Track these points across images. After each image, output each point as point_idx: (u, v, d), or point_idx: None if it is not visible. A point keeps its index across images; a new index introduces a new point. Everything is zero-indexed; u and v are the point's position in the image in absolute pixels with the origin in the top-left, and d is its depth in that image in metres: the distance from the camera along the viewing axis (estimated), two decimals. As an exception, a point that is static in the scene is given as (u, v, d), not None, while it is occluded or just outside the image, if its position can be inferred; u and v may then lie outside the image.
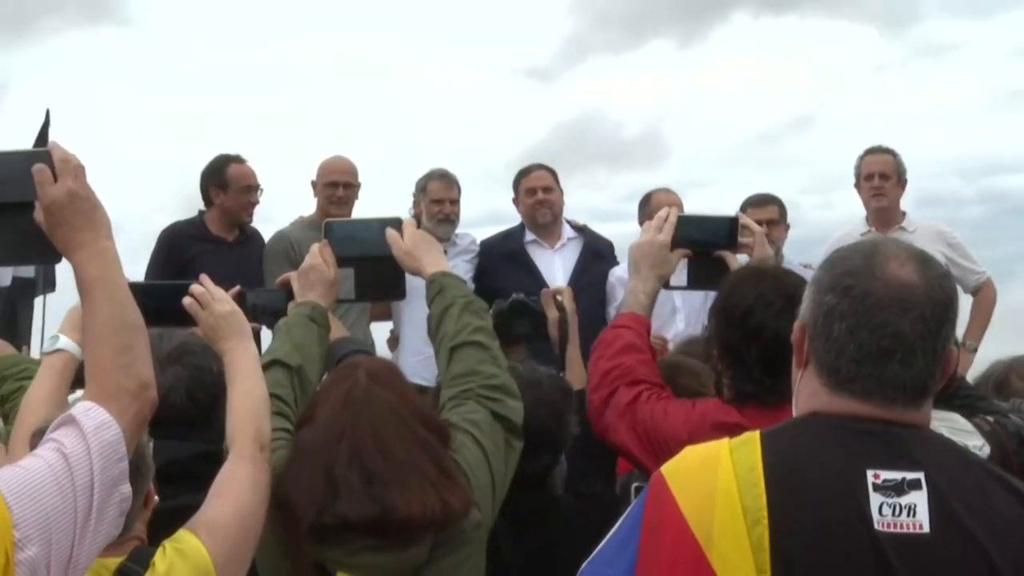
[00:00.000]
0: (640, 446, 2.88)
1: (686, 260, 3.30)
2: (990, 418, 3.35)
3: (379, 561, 2.49)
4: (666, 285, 3.30)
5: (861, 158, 6.41)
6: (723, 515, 1.73)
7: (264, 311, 3.62)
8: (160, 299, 2.91)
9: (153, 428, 2.74)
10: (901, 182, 6.35)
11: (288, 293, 3.52)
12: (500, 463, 2.73)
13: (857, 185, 6.39)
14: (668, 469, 1.85)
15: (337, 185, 6.12)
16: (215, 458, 2.91)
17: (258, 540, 2.59)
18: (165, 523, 2.78)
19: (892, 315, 1.80)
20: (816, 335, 1.87)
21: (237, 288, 3.25)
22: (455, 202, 6.21)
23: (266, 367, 2.88)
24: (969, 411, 3.33)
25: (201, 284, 2.92)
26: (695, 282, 3.39)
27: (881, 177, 6.26)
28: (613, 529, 1.89)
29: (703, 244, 3.28)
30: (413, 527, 2.48)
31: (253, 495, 2.60)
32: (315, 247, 3.20)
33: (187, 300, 2.89)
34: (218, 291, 2.92)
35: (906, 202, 6.41)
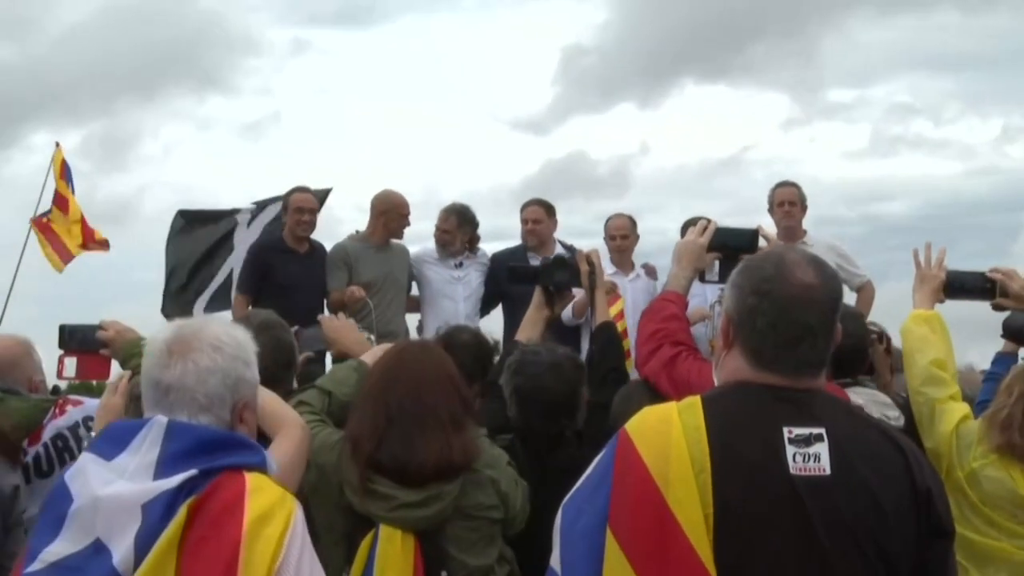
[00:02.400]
0: (677, 396, 2.72)
1: (718, 260, 3.26)
2: (903, 394, 3.36)
3: (412, 515, 2.51)
4: (702, 278, 3.27)
5: (773, 190, 6.42)
6: (676, 465, 1.72)
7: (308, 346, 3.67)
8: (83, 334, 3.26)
9: None
10: (803, 207, 6.38)
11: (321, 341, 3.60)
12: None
13: (770, 210, 6.39)
14: (631, 427, 1.82)
15: (406, 216, 6.23)
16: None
17: (303, 473, 2.58)
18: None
19: (801, 311, 1.80)
20: (742, 327, 1.85)
21: (305, 356, 3.35)
22: (447, 232, 6.26)
23: (306, 388, 2.94)
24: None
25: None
26: (724, 278, 3.21)
27: (789, 204, 6.29)
28: (587, 473, 1.85)
29: (731, 248, 3.23)
30: (427, 470, 2.51)
31: (300, 447, 2.57)
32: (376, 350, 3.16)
33: (101, 333, 3.12)
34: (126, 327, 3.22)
35: (806, 222, 6.45)
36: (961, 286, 3.42)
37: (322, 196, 6.70)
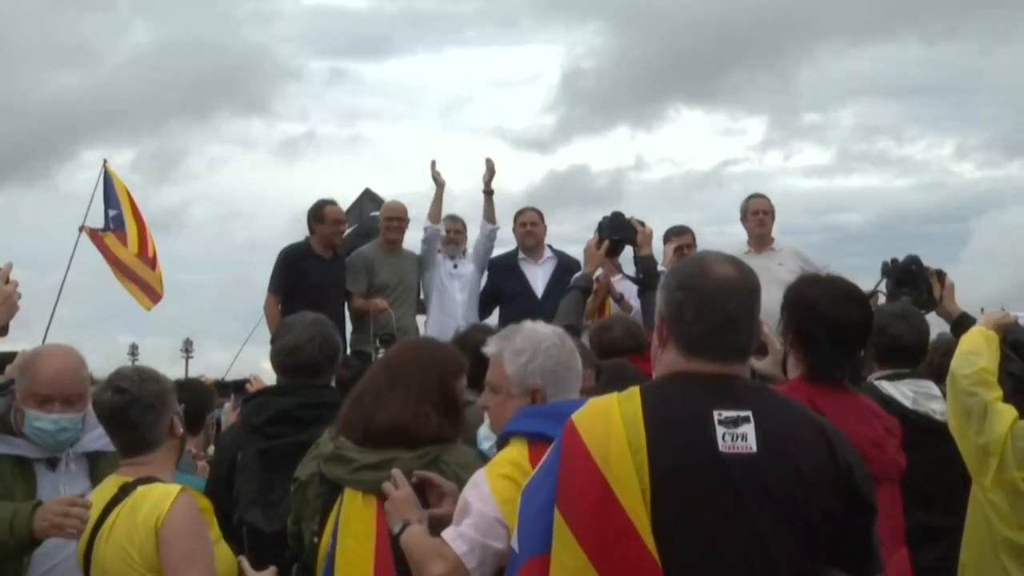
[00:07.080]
0: None
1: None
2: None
3: (370, 477, 2.42)
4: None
5: (747, 201, 6.41)
6: (615, 446, 1.71)
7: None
8: None
9: (294, 373, 3.01)
10: (773, 217, 6.38)
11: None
12: None
13: (743, 219, 6.37)
14: (576, 416, 1.79)
15: (393, 219, 6.35)
16: (313, 407, 2.97)
17: None
18: (281, 455, 2.87)
19: (722, 300, 1.79)
20: (672, 321, 1.84)
21: None
22: (459, 232, 6.47)
23: None
24: (937, 379, 3.21)
25: None
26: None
27: (763, 213, 6.30)
28: (542, 461, 1.84)
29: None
30: (384, 429, 2.44)
31: None
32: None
33: None
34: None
35: (773, 231, 6.43)
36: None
37: None
